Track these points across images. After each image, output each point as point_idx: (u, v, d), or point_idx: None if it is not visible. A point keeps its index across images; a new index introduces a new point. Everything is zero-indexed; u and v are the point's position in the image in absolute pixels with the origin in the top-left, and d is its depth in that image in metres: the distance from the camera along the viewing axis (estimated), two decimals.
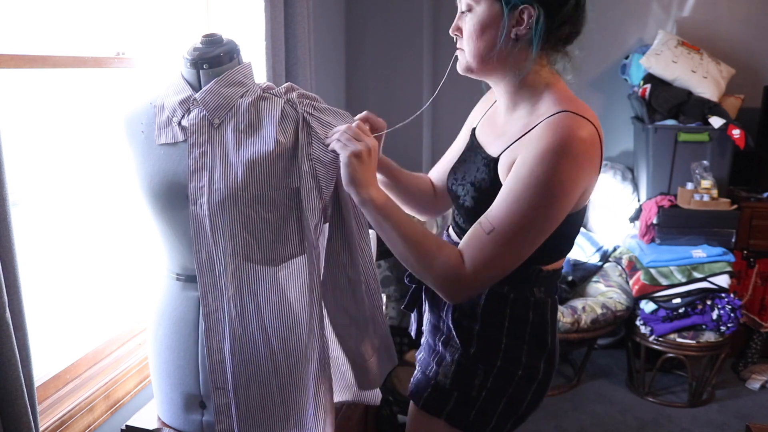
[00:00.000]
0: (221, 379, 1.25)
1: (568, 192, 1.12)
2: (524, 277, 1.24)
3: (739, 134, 2.91)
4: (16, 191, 1.41)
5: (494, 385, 1.27)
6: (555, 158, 1.09)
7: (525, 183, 1.11)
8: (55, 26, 1.51)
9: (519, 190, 1.11)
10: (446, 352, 1.32)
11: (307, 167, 1.19)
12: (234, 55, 1.24)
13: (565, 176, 1.10)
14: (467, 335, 1.29)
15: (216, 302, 1.22)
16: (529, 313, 1.27)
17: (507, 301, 1.26)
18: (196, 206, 1.19)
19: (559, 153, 1.09)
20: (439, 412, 1.29)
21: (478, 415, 1.28)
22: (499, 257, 1.14)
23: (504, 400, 1.28)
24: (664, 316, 2.89)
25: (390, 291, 3.02)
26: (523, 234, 1.13)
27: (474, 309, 1.28)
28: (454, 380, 1.29)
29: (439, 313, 1.34)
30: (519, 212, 1.11)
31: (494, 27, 1.15)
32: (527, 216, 1.11)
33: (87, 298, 1.67)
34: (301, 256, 1.23)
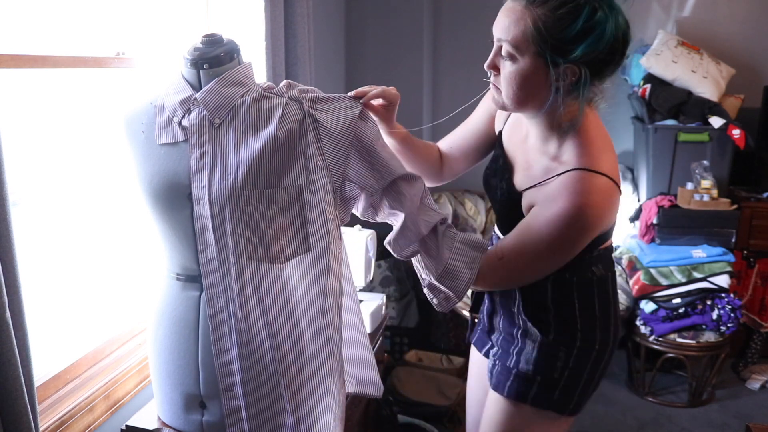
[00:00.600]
0: (230, 381, 1.24)
1: (578, 246, 1.23)
2: (582, 260, 1.30)
3: (739, 134, 2.91)
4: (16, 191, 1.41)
5: (575, 363, 1.34)
6: (566, 225, 1.17)
7: (537, 238, 1.21)
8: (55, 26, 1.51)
9: (531, 241, 1.22)
10: (527, 342, 1.37)
11: (320, 164, 1.18)
12: (234, 55, 1.24)
13: (574, 237, 1.20)
14: (544, 324, 1.35)
15: (221, 303, 1.22)
16: (593, 290, 1.34)
17: (572, 285, 1.32)
18: (199, 206, 1.19)
19: (571, 221, 1.17)
20: (524, 398, 1.36)
21: (561, 394, 1.34)
22: (509, 278, 1.30)
23: (584, 377, 1.35)
24: (664, 316, 2.89)
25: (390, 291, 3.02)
26: (532, 267, 1.27)
27: (543, 301, 1.34)
28: (536, 366, 1.34)
29: (512, 308, 1.40)
30: (526, 256, 1.24)
31: (535, 80, 1.16)
32: (534, 260, 1.24)
33: (87, 298, 1.67)
34: (306, 253, 1.23)
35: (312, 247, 1.22)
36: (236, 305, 1.21)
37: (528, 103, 1.20)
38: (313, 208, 1.20)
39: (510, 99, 1.21)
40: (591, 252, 1.31)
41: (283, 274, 1.22)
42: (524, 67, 1.15)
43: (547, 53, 1.12)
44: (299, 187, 1.19)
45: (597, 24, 1.10)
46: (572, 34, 1.10)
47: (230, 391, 1.25)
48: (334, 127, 1.20)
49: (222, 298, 1.22)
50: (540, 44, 1.11)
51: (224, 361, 1.24)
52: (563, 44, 1.11)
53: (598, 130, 1.25)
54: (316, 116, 1.20)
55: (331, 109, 1.22)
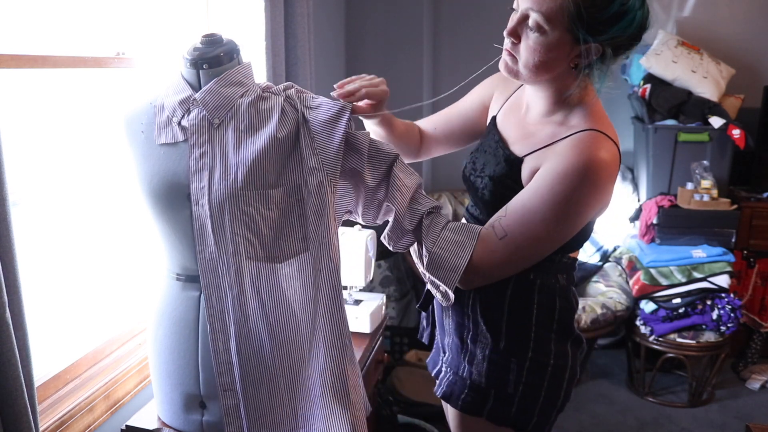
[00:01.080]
0: (229, 380, 1.24)
1: (582, 212, 1.18)
2: (549, 263, 1.27)
3: (739, 134, 2.91)
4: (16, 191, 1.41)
5: (529, 378, 1.27)
6: (577, 179, 1.14)
7: (544, 198, 1.16)
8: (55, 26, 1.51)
9: (537, 204, 1.16)
10: (477, 349, 1.31)
11: (314, 163, 1.19)
12: (234, 55, 1.24)
13: (584, 198, 1.16)
14: (496, 328, 1.28)
15: (220, 303, 1.22)
16: (555, 299, 1.28)
17: (534, 287, 1.27)
18: (198, 206, 1.19)
19: (581, 174, 1.14)
20: (479, 412, 1.30)
21: (519, 411, 1.28)
22: (509, 261, 1.21)
23: (543, 393, 1.28)
24: (664, 316, 2.89)
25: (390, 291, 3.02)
26: (535, 244, 1.20)
27: (501, 299, 1.28)
28: (488, 378, 1.29)
29: (464, 309, 1.33)
30: (533, 224, 1.17)
31: (559, 54, 1.15)
32: (541, 229, 1.17)
33: (87, 298, 1.67)
34: (305, 253, 1.23)
35: (310, 246, 1.22)
36: (235, 305, 1.21)
37: (544, 74, 1.19)
38: (311, 207, 1.20)
39: (528, 69, 1.18)
40: (559, 255, 1.27)
41: (282, 273, 1.22)
42: (552, 41, 1.14)
43: (580, 31, 1.11)
44: (298, 186, 1.19)
45: (630, 8, 1.12)
46: (607, 15, 1.11)
47: (229, 390, 1.25)
48: (325, 129, 1.20)
49: (221, 298, 1.22)
50: (575, 21, 1.11)
51: (223, 360, 1.24)
52: (597, 24, 1.11)
53: (602, 111, 1.25)
54: (308, 117, 1.20)
55: (321, 111, 1.22)
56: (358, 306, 2.01)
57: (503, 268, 1.23)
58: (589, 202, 1.17)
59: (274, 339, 1.23)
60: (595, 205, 1.18)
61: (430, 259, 1.22)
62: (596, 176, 1.14)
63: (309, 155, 1.18)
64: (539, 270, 1.27)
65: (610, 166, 1.16)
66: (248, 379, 1.24)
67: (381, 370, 2.12)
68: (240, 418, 1.25)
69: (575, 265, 1.35)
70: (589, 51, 1.14)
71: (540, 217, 1.16)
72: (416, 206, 1.25)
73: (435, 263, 1.22)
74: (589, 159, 1.14)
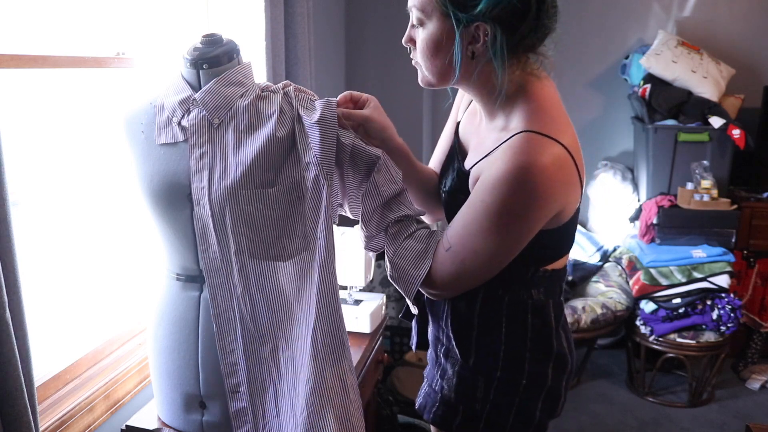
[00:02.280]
0: (235, 382, 1.24)
1: (523, 223, 1.06)
2: (519, 277, 1.18)
3: (739, 134, 2.91)
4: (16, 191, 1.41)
5: (497, 398, 1.21)
6: (507, 189, 1.03)
7: (477, 210, 1.08)
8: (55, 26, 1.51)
9: (471, 216, 1.09)
10: (447, 364, 1.27)
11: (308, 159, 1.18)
12: (234, 55, 1.24)
13: (520, 208, 1.05)
14: (466, 345, 1.23)
15: (226, 303, 1.22)
16: (527, 316, 1.19)
17: (502, 303, 1.19)
18: (199, 207, 1.19)
19: (511, 183, 1.03)
20: (449, 427, 1.26)
21: (487, 429, 1.22)
22: (458, 274, 1.13)
23: (512, 412, 1.21)
24: (664, 316, 2.89)
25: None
26: (478, 258, 1.10)
27: (470, 314, 1.22)
28: (457, 393, 1.24)
29: (439, 322, 1.29)
30: (472, 237, 1.09)
31: (448, 45, 1.07)
32: (479, 242, 1.09)
33: (87, 298, 1.67)
34: (306, 251, 1.23)
35: (311, 245, 1.22)
36: (241, 304, 1.21)
37: (448, 73, 1.10)
38: (310, 205, 1.20)
39: (430, 71, 1.12)
40: (530, 269, 1.17)
41: (286, 272, 1.22)
42: (433, 31, 1.07)
43: (452, 11, 1.04)
44: (297, 183, 1.19)
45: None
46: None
47: (236, 393, 1.25)
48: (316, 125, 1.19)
49: (226, 297, 1.22)
50: (445, 3, 1.04)
51: (230, 361, 1.24)
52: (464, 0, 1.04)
53: (551, 102, 1.11)
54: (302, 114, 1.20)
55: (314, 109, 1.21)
56: (358, 306, 2.00)
57: (456, 282, 1.15)
58: (529, 211, 1.05)
59: (277, 339, 1.23)
60: (540, 215, 1.06)
61: (390, 268, 1.19)
62: (532, 183, 1.02)
63: (304, 151, 1.18)
64: (507, 285, 1.18)
65: (549, 168, 1.02)
66: (255, 381, 1.24)
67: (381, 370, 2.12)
68: (248, 422, 1.25)
69: (559, 277, 1.23)
70: (477, 34, 1.05)
71: (476, 229, 1.08)
72: (387, 212, 1.21)
73: (394, 273, 1.18)
74: (521, 165, 1.02)
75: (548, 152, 1.03)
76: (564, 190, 1.07)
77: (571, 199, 1.10)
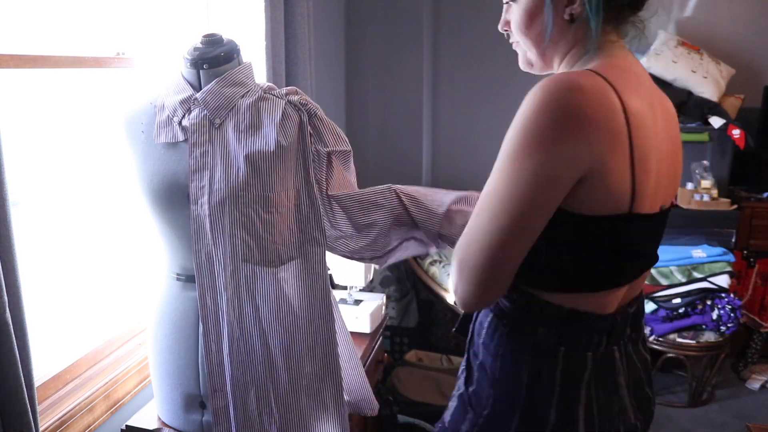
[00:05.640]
0: (220, 381, 1.24)
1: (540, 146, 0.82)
2: (521, 305, 0.96)
3: (739, 134, 2.91)
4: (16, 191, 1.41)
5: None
6: (523, 108, 0.84)
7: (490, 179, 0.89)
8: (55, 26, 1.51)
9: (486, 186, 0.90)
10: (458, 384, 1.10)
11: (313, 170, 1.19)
12: (234, 55, 1.24)
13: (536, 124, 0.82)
14: (470, 370, 1.05)
15: (214, 303, 1.22)
16: (523, 355, 0.95)
17: (503, 334, 0.98)
18: (197, 206, 1.19)
19: (530, 98, 0.84)
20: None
21: None
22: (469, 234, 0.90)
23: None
24: (664, 316, 2.89)
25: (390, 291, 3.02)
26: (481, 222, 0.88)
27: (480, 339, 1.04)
28: (450, 421, 1.07)
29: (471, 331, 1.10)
30: (487, 189, 0.89)
31: (542, 12, 0.94)
32: (492, 193, 0.87)
33: (87, 298, 1.67)
34: (300, 258, 1.23)
35: (307, 252, 1.22)
36: (229, 306, 1.21)
37: (551, 47, 0.97)
38: (309, 213, 1.20)
39: (528, 45, 0.99)
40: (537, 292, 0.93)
41: (277, 278, 1.22)
42: (528, 2, 0.95)
43: None
44: (298, 192, 1.19)
45: None
46: None
47: (219, 391, 1.25)
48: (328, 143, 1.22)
49: (215, 298, 1.22)
50: None
51: (215, 361, 1.24)
52: None
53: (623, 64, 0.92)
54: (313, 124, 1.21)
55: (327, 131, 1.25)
56: (358, 306, 2.00)
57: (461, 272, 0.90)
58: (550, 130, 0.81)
59: (266, 343, 1.23)
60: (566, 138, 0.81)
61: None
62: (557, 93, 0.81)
63: (311, 161, 1.19)
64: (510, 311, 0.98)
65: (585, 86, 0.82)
66: (239, 382, 1.24)
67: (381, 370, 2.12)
68: (229, 420, 1.25)
69: (577, 321, 0.92)
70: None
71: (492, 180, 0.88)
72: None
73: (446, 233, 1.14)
74: (545, 81, 0.84)
75: (585, 75, 0.85)
76: (603, 115, 0.81)
77: (615, 158, 0.83)
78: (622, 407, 0.97)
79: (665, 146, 0.93)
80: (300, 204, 1.20)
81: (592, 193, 0.84)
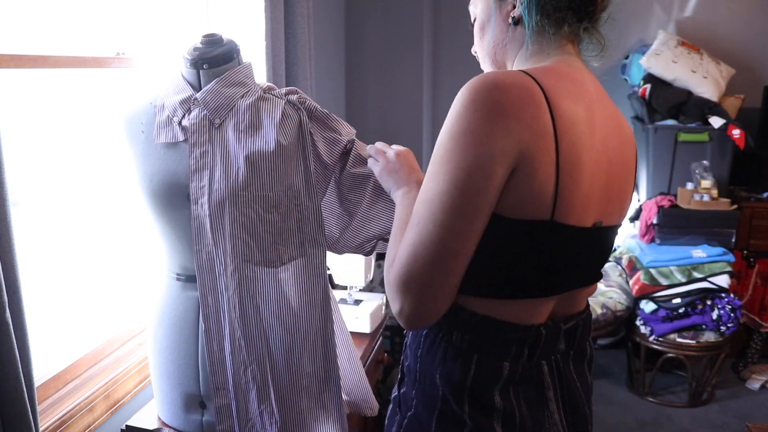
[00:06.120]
0: (222, 380, 1.25)
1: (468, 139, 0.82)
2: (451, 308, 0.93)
3: (739, 134, 2.91)
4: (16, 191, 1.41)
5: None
6: (451, 111, 0.86)
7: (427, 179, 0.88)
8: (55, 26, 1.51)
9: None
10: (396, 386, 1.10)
11: (313, 169, 1.20)
12: (234, 55, 1.24)
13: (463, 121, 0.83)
14: (402, 373, 1.06)
15: (216, 303, 1.23)
16: (438, 359, 0.95)
17: (422, 336, 0.98)
18: (197, 206, 1.19)
19: (456, 102, 0.86)
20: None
21: None
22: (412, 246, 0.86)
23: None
24: (664, 316, 2.89)
25: None
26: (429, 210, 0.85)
27: (407, 341, 1.05)
28: (387, 424, 1.08)
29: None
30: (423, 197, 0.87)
31: (491, 21, 1.00)
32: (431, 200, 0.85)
33: (87, 298, 1.67)
34: (302, 258, 1.23)
35: (307, 252, 1.22)
36: (230, 306, 1.21)
37: (495, 53, 1.01)
38: (309, 213, 1.20)
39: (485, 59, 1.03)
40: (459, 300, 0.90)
41: (277, 278, 1.22)
42: (480, 15, 1.01)
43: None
44: (298, 191, 1.19)
45: None
46: None
47: (222, 390, 1.25)
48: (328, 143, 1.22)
49: (216, 298, 1.22)
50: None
51: (217, 359, 1.24)
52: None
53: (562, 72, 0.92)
54: (313, 124, 1.21)
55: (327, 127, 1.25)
56: (358, 306, 2.00)
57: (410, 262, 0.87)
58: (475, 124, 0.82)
59: (267, 343, 1.23)
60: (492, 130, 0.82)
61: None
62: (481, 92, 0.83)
63: (309, 161, 1.19)
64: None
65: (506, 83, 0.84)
66: (240, 381, 1.24)
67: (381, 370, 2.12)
68: (231, 418, 1.25)
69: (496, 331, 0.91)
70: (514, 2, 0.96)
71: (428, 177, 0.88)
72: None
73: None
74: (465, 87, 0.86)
75: (510, 74, 0.87)
76: (528, 111, 0.83)
77: (540, 156, 0.83)
78: (552, 423, 0.96)
79: (604, 159, 0.92)
80: (300, 204, 1.20)
81: (516, 193, 0.84)
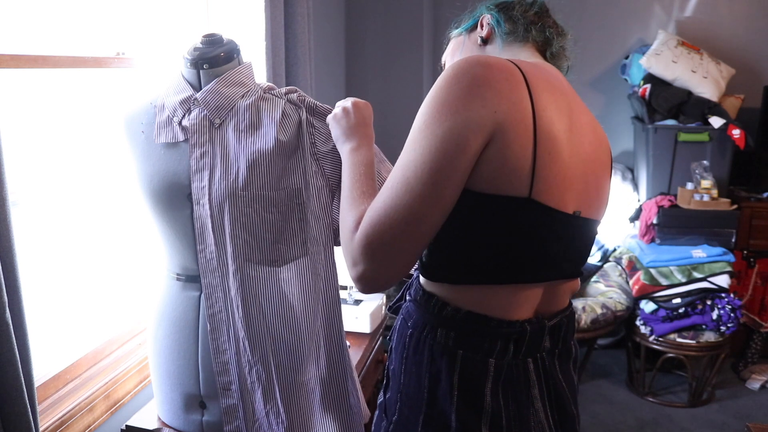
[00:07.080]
0: (227, 380, 1.25)
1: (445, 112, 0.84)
2: (422, 305, 0.97)
3: (739, 134, 2.91)
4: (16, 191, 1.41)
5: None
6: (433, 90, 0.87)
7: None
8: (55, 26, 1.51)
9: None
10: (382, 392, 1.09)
11: (315, 168, 1.19)
12: (234, 55, 1.24)
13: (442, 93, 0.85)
14: (387, 378, 1.04)
15: (220, 303, 1.23)
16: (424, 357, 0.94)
17: (407, 335, 0.97)
18: (199, 206, 1.19)
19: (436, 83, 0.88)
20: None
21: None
22: (383, 210, 0.86)
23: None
24: (664, 316, 2.89)
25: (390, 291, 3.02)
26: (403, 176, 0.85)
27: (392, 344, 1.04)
28: (374, 428, 1.06)
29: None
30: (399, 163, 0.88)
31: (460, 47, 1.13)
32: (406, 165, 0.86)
33: (87, 298, 1.67)
34: (304, 257, 1.23)
35: (310, 251, 1.22)
36: (234, 306, 1.21)
37: None
38: (311, 212, 1.20)
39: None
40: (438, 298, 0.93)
41: (280, 278, 1.22)
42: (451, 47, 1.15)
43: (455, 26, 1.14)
44: (299, 190, 1.19)
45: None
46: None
47: (227, 390, 1.25)
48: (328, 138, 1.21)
49: (220, 298, 1.22)
50: (452, 26, 1.15)
51: (222, 360, 1.24)
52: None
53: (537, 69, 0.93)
54: (313, 122, 1.21)
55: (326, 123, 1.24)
56: (358, 306, 2.00)
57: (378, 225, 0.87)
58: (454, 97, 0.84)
59: (271, 342, 1.23)
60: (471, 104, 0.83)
61: None
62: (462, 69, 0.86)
63: (310, 159, 1.19)
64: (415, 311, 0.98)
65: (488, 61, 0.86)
66: (246, 381, 1.24)
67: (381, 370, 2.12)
68: (238, 418, 1.25)
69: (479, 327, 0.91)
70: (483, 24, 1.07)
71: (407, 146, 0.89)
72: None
73: None
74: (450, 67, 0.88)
75: (494, 56, 0.91)
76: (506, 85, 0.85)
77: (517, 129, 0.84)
78: (537, 421, 0.95)
79: (581, 150, 0.93)
80: (301, 203, 1.20)
81: (492, 164, 0.85)
